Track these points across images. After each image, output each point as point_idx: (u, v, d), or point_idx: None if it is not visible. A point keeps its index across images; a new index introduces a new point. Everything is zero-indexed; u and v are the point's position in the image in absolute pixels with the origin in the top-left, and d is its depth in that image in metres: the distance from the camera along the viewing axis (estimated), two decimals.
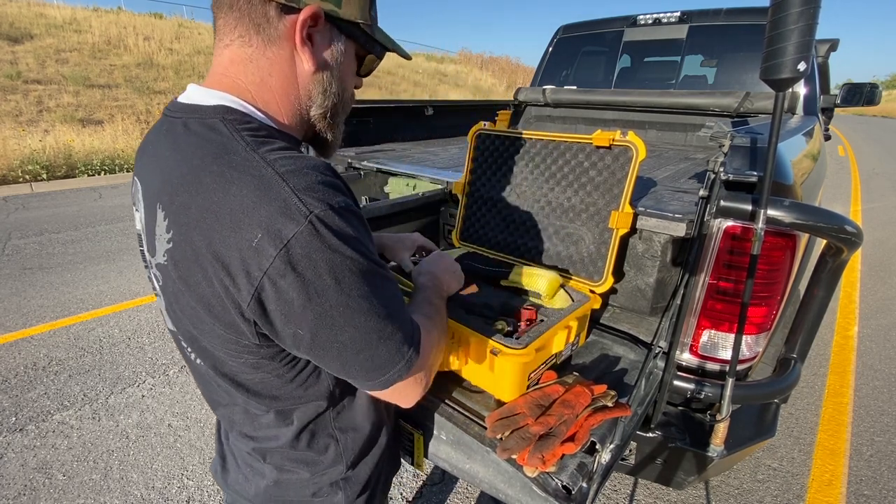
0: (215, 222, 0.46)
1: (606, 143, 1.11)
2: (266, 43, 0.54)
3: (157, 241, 0.52)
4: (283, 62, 0.56)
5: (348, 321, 0.49)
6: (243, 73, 0.55)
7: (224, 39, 0.55)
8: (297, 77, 0.57)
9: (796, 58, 0.74)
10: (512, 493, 0.78)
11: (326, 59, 0.58)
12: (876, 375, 2.58)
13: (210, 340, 0.55)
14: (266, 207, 0.45)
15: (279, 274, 0.45)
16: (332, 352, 0.51)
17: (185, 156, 0.51)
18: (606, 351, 1.15)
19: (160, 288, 0.57)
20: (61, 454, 1.95)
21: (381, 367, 0.55)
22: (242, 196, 0.46)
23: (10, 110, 9.11)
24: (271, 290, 0.46)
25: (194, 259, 0.48)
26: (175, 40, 14.86)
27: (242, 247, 0.45)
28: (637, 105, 2.74)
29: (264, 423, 0.64)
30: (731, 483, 1.86)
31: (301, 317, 0.48)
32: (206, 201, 0.47)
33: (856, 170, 9.21)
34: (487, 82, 24.44)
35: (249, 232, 0.45)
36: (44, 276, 3.66)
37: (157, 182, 0.53)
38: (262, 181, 0.46)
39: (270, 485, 0.69)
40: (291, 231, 0.44)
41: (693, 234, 1.03)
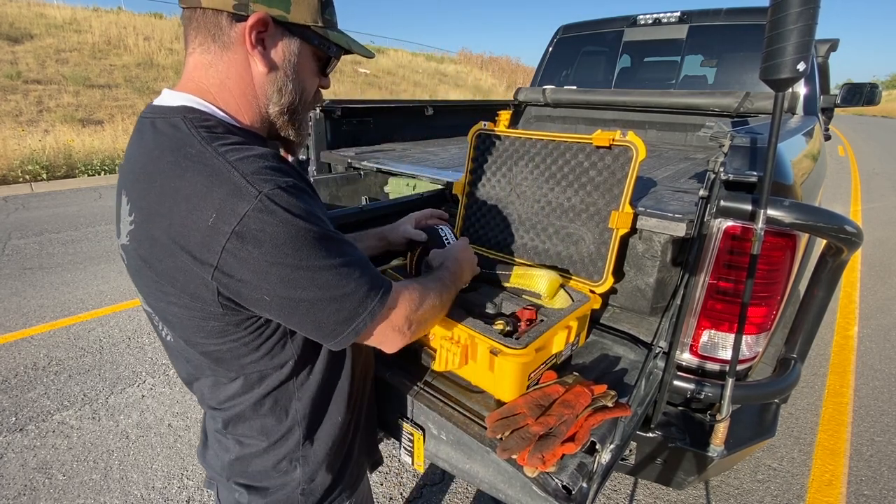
0: (173, 206, 0.52)
1: (606, 143, 1.11)
2: (222, 49, 0.60)
3: (121, 223, 0.59)
4: (238, 65, 0.62)
5: (309, 282, 0.54)
6: (205, 77, 0.62)
7: (189, 47, 0.62)
8: (253, 78, 0.63)
9: (796, 58, 0.74)
10: (512, 493, 0.78)
11: (278, 60, 0.63)
12: (876, 375, 2.58)
13: (177, 312, 0.59)
14: (218, 190, 0.51)
15: (236, 248, 0.50)
16: (299, 311, 0.56)
17: (148, 149, 0.57)
18: (606, 351, 1.15)
19: (126, 267, 0.62)
20: (61, 454, 1.95)
21: (347, 321, 0.59)
22: (196, 182, 0.51)
23: (10, 110, 9.11)
24: (233, 261, 0.51)
25: (154, 239, 0.54)
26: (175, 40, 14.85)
27: (200, 227, 0.50)
28: (637, 105, 2.74)
29: (230, 393, 0.68)
30: (731, 483, 1.86)
31: (264, 284, 0.53)
32: (163, 187, 0.53)
33: (856, 170, 9.21)
34: (487, 82, 24.44)
35: (205, 213, 0.50)
36: (44, 276, 3.66)
37: (125, 173, 0.60)
38: (213, 169, 0.52)
39: (233, 459, 0.73)
40: (244, 209, 0.50)
41: (693, 234, 1.03)
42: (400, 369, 1.01)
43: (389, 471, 1.89)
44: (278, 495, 0.74)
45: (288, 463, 0.73)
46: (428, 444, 0.94)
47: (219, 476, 0.77)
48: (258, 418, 0.70)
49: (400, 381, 0.99)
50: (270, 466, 0.72)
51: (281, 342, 0.65)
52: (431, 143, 2.76)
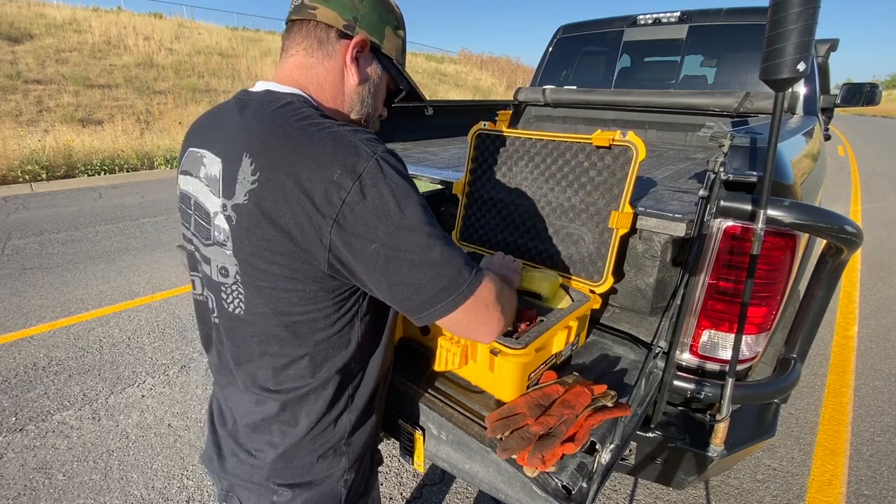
0: (301, 163, 0.58)
1: (606, 143, 1.11)
2: (325, 56, 0.72)
3: (237, 184, 0.62)
4: (335, 73, 0.73)
5: (414, 242, 0.59)
6: (305, 76, 0.72)
7: (291, 50, 0.73)
8: (344, 86, 0.74)
9: (796, 58, 0.74)
10: (512, 493, 0.78)
11: (366, 77, 0.76)
12: (876, 375, 2.58)
13: (277, 273, 0.62)
14: (342, 151, 0.58)
15: (355, 200, 0.56)
16: (402, 271, 0.59)
17: (272, 119, 0.63)
18: (606, 351, 1.15)
19: (230, 229, 0.64)
20: (61, 454, 1.95)
21: (446, 289, 0.62)
22: (323, 144, 0.59)
23: (10, 110, 9.11)
24: (349, 214, 0.57)
25: (281, 193, 0.58)
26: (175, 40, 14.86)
27: (326, 180, 0.57)
28: (637, 105, 2.74)
29: (294, 374, 0.69)
30: (731, 483, 1.86)
31: (374, 234, 0.57)
32: (293, 148, 0.59)
33: (856, 170, 9.21)
34: (487, 82, 24.44)
35: (330, 169, 0.57)
36: (44, 276, 3.66)
37: (243, 139, 0.63)
38: (336, 135, 0.60)
39: (278, 455, 0.72)
40: (363, 166, 0.57)
41: (693, 234, 1.03)
42: (400, 370, 1.01)
43: (389, 471, 1.89)
44: (322, 488, 0.74)
45: (333, 452, 0.74)
46: (428, 444, 0.94)
47: (246, 482, 0.75)
48: (318, 401, 0.71)
49: (400, 381, 0.99)
50: (317, 457, 0.73)
51: (350, 323, 0.69)
52: (431, 143, 2.76)
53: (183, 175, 0.74)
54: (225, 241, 0.65)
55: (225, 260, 0.66)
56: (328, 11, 0.70)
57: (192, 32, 16.09)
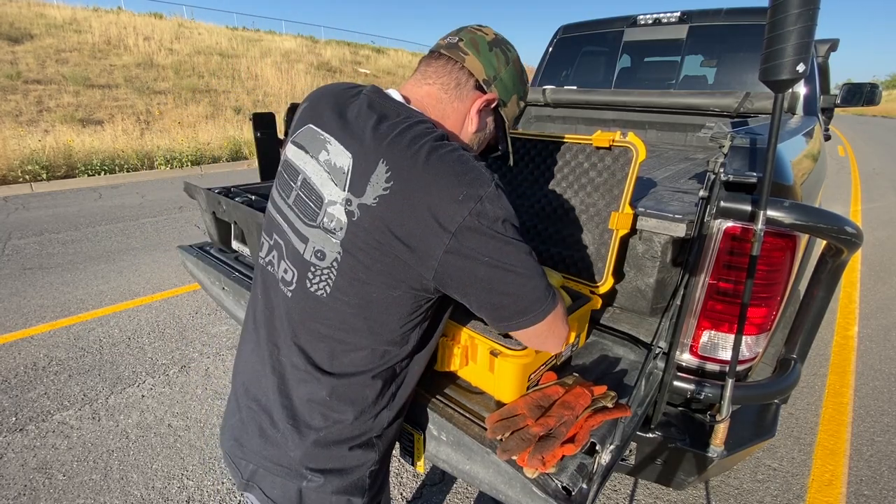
0: (433, 181, 0.63)
1: (606, 144, 1.11)
2: (456, 98, 0.77)
3: (369, 186, 0.65)
4: (459, 115, 0.79)
5: (517, 260, 0.65)
6: (433, 108, 0.77)
7: (429, 79, 0.78)
8: (462, 130, 0.80)
9: (795, 59, 0.74)
10: (512, 494, 0.78)
11: (482, 128, 0.82)
12: (876, 375, 2.58)
13: (380, 268, 0.66)
14: (469, 175, 0.64)
15: (474, 220, 0.62)
16: (505, 283, 0.66)
17: (410, 135, 0.66)
18: (606, 351, 1.15)
19: (348, 223, 0.67)
20: (61, 454, 1.95)
21: (539, 300, 0.69)
22: (453, 165, 0.64)
23: (10, 110, 9.12)
24: (467, 232, 0.62)
25: (410, 205, 0.63)
26: (175, 40, 14.86)
27: (452, 199, 0.62)
28: (637, 105, 2.74)
29: (354, 360, 0.73)
30: (731, 483, 1.86)
31: (484, 252, 0.63)
32: (427, 165, 0.64)
33: (856, 170, 9.21)
34: None
35: (458, 191, 0.62)
36: (44, 276, 3.66)
37: (378, 144, 0.67)
38: (463, 159, 0.66)
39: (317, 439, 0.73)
40: (484, 191, 0.63)
41: (693, 235, 1.03)
42: None
43: (389, 471, 1.90)
44: (352, 477, 0.76)
45: (367, 444, 0.76)
46: (428, 444, 0.94)
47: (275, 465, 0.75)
48: (367, 392, 0.74)
49: None
50: (354, 446, 0.75)
51: (416, 326, 0.74)
52: None
53: (296, 147, 0.77)
54: (336, 230, 0.68)
55: (328, 246, 0.69)
56: (476, 63, 0.77)
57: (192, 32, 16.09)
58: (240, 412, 0.80)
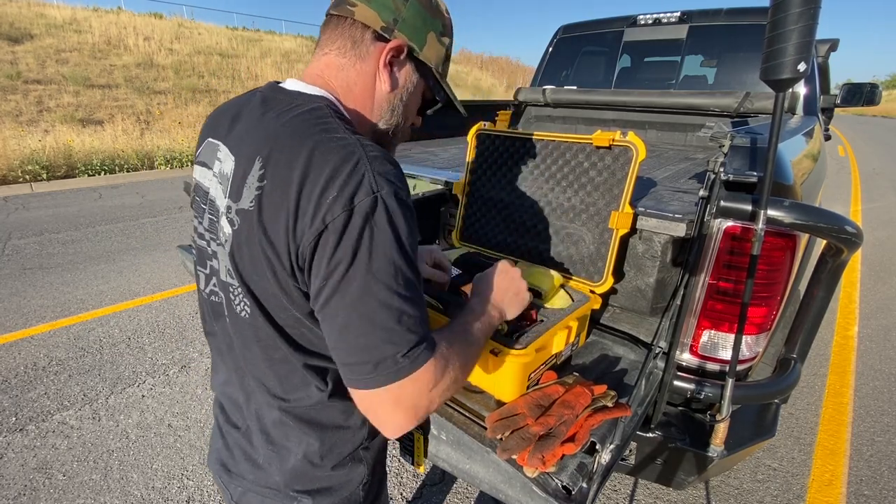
0: (306, 178, 0.55)
1: (606, 144, 1.11)
2: (358, 58, 0.67)
3: (246, 188, 0.60)
4: (367, 77, 0.68)
5: (360, 298, 0.54)
6: (335, 78, 0.67)
7: (325, 47, 0.68)
8: (375, 92, 0.69)
9: (796, 58, 0.74)
10: (512, 494, 0.78)
11: (400, 85, 0.70)
12: (876, 375, 2.58)
13: (266, 287, 0.60)
14: (351, 178, 0.54)
15: (336, 230, 0.53)
16: (337, 321, 0.55)
17: (292, 124, 0.60)
18: (606, 351, 1.15)
19: (233, 233, 0.62)
20: (61, 454, 1.95)
21: (371, 364, 0.54)
22: (335, 163, 0.55)
23: (10, 110, 9.11)
24: (325, 240, 0.53)
25: (279, 205, 0.56)
26: (175, 40, 14.86)
27: (321, 201, 0.53)
28: (637, 105, 2.74)
29: (296, 385, 0.67)
30: (731, 483, 1.86)
31: (333, 272, 0.54)
32: (305, 161, 0.55)
33: (856, 170, 9.21)
34: (487, 82, 24.44)
35: (330, 191, 0.53)
36: (44, 276, 3.66)
37: (259, 139, 0.61)
38: (352, 156, 0.55)
39: (297, 462, 0.70)
40: (359, 199, 0.53)
41: (693, 235, 1.03)
42: None
43: (389, 471, 1.89)
44: (343, 493, 0.73)
45: (352, 459, 0.73)
46: (428, 444, 0.94)
47: (262, 489, 0.72)
48: (331, 411, 0.69)
49: None
50: (336, 464, 0.71)
51: None
52: (431, 143, 2.76)
53: (199, 166, 0.71)
54: (225, 242, 0.63)
55: (228, 262, 0.64)
56: (367, 10, 0.65)
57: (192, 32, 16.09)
58: (223, 437, 0.79)
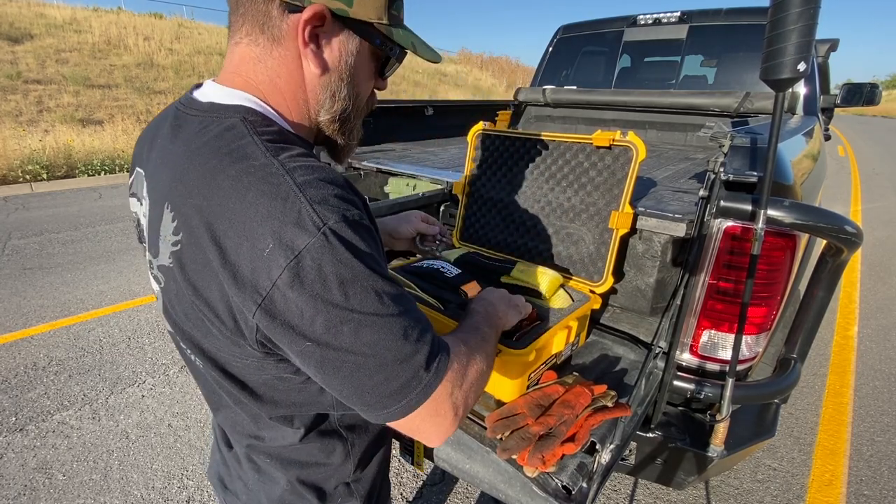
0: (229, 229, 0.45)
1: (606, 144, 1.11)
2: (272, 42, 0.53)
3: (161, 241, 0.51)
4: (289, 63, 0.54)
5: (358, 337, 0.46)
6: (254, 72, 0.54)
7: (234, 37, 0.55)
8: (305, 79, 0.55)
9: (796, 58, 0.74)
10: (512, 494, 0.78)
11: (333, 61, 0.55)
12: (876, 375, 2.58)
13: (213, 343, 0.53)
14: (280, 217, 0.44)
15: (288, 285, 0.43)
16: (342, 371, 0.48)
17: (202, 157, 0.49)
18: (606, 351, 1.15)
19: (161, 289, 0.55)
20: (61, 454, 1.95)
21: (396, 393, 0.49)
22: (258, 204, 0.44)
23: (10, 110, 9.11)
24: (280, 300, 0.44)
25: (204, 263, 0.47)
26: (175, 40, 14.85)
27: (254, 256, 0.44)
28: (637, 105, 2.74)
29: (269, 424, 0.62)
30: (731, 483, 1.86)
31: (310, 330, 0.45)
32: (220, 207, 0.46)
33: (856, 170, 9.21)
34: (487, 82, 24.43)
35: (262, 241, 0.44)
36: (44, 276, 3.66)
37: (166, 180, 0.51)
38: (278, 189, 0.45)
39: (285, 491, 0.66)
40: (304, 242, 0.43)
41: (693, 235, 1.03)
42: None
43: (389, 471, 1.90)
44: None
45: (341, 492, 0.68)
46: None
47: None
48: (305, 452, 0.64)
49: None
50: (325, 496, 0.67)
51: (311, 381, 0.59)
52: (431, 143, 2.76)
53: (132, 198, 0.61)
54: (158, 297, 0.56)
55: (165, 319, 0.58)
56: None
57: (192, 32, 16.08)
58: (220, 452, 0.77)
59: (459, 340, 0.59)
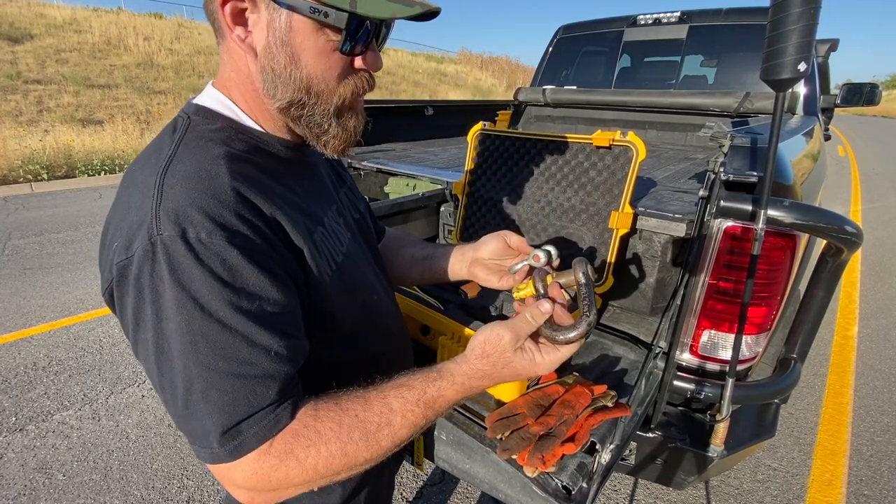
0: (111, 220, 0.49)
1: (606, 144, 1.11)
2: (220, 37, 0.53)
3: None
4: (233, 55, 0.53)
5: (158, 362, 0.45)
6: (222, 70, 0.56)
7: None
8: (248, 70, 0.53)
9: (796, 58, 0.74)
10: (512, 494, 0.78)
11: (262, 41, 0.50)
12: (876, 375, 2.58)
13: None
14: (135, 216, 0.45)
15: (117, 282, 0.46)
16: (151, 379, 0.48)
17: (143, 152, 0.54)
18: (606, 351, 1.15)
19: None
20: (61, 454, 1.95)
21: (187, 432, 0.46)
22: (130, 200, 0.47)
23: (10, 110, 9.11)
24: (116, 293, 0.47)
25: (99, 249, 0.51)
26: (175, 40, 14.85)
27: (112, 246, 0.47)
28: (637, 105, 2.74)
29: None
30: (731, 483, 1.86)
31: (126, 330, 0.48)
32: (119, 197, 0.51)
33: (856, 170, 9.21)
34: (487, 82, 24.43)
35: (118, 235, 0.46)
36: (44, 276, 3.66)
37: None
38: (147, 189, 0.46)
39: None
40: (135, 247, 0.44)
41: (693, 235, 1.03)
42: None
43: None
44: None
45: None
46: (428, 444, 0.94)
47: None
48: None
49: None
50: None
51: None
52: (431, 143, 2.76)
53: None
54: None
55: None
56: None
57: (192, 32, 16.08)
58: None
59: (334, 417, 0.49)
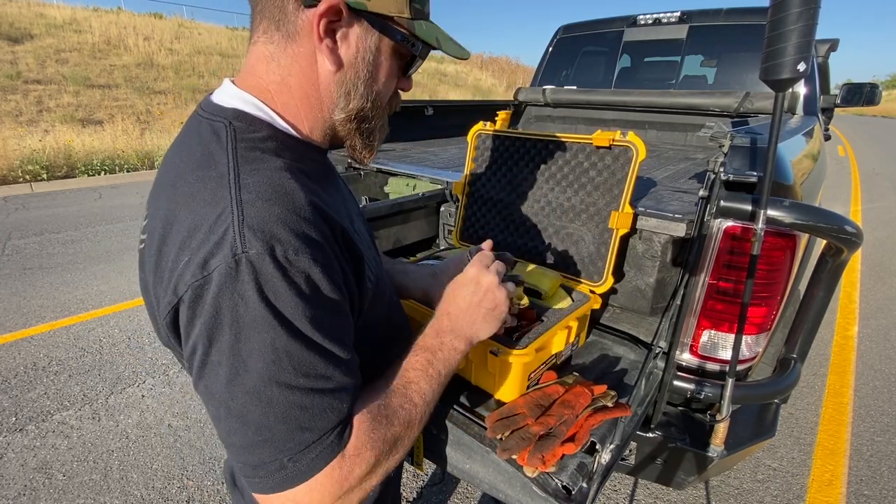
0: (170, 234, 0.45)
1: (606, 144, 1.11)
2: (286, 39, 0.52)
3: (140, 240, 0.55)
4: (303, 60, 0.52)
5: (230, 388, 0.43)
6: (265, 72, 0.53)
7: (253, 36, 0.54)
8: (318, 77, 0.53)
9: (796, 58, 0.74)
10: (512, 494, 0.78)
11: (350, 57, 0.53)
12: (876, 375, 2.58)
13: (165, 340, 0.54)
14: (208, 234, 0.42)
15: (191, 302, 0.42)
16: (210, 408, 0.45)
17: (181, 159, 0.50)
18: (606, 351, 1.15)
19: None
20: (61, 454, 1.95)
21: (248, 464, 0.45)
22: (196, 214, 0.44)
23: (10, 110, 9.11)
24: (181, 315, 0.44)
25: (153, 262, 0.47)
26: (175, 40, 14.86)
27: (178, 264, 0.43)
28: (637, 105, 2.74)
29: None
30: (731, 483, 1.86)
31: (192, 354, 0.44)
32: (170, 212, 0.46)
33: (856, 170, 9.21)
34: (487, 82, 24.44)
35: (187, 252, 0.43)
36: (44, 276, 3.66)
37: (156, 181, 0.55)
38: (219, 203, 0.44)
39: None
40: (215, 264, 0.41)
41: (693, 235, 1.03)
42: None
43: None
44: None
45: None
46: (428, 444, 0.94)
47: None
48: None
49: None
50: None
51: None
52: (431, 143, 2.76)
53: None
54: None
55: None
56: None
57: (191, 32, 16.09)
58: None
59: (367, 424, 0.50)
